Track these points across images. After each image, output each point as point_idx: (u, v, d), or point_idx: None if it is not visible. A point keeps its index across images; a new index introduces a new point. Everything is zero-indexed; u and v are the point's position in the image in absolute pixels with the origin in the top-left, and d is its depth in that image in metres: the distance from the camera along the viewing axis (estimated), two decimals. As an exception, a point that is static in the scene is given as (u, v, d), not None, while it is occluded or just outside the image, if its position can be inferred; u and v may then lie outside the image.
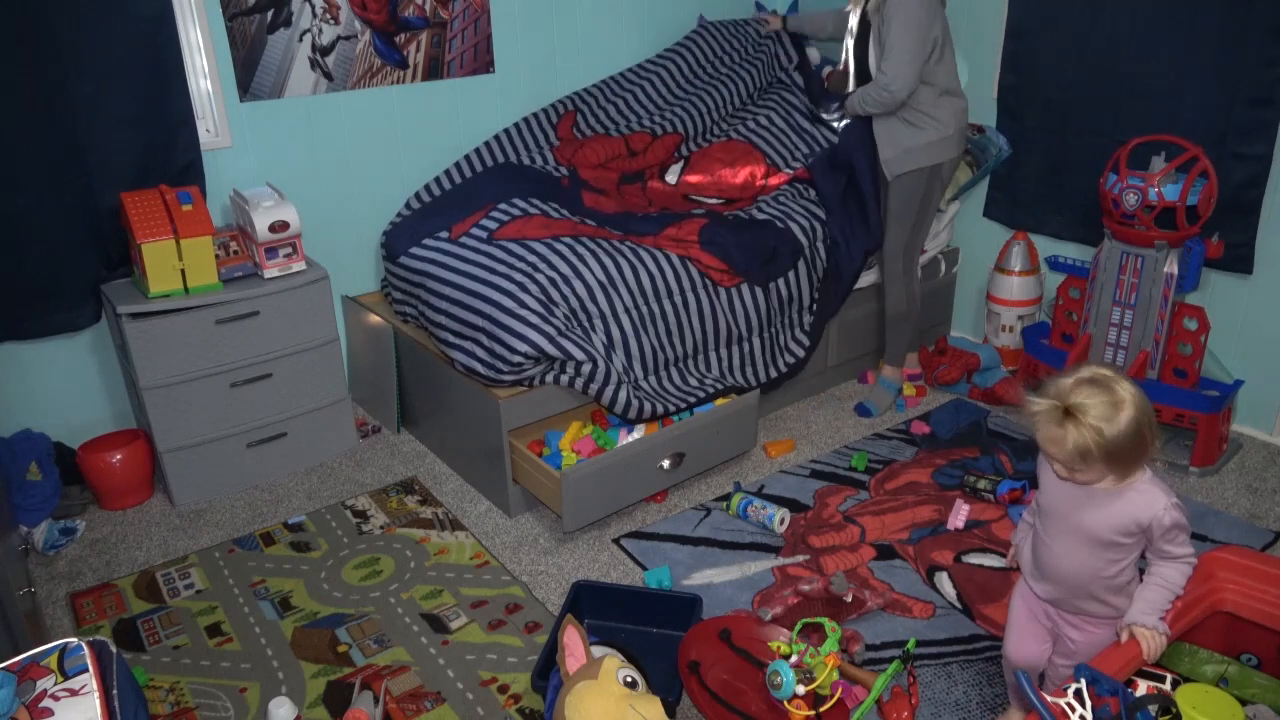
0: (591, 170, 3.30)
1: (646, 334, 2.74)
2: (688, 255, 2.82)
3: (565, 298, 2.58)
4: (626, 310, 2.69)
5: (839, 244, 3.11)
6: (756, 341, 3.00)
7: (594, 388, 2.57)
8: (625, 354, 2.70)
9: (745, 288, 2.91)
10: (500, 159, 3.27)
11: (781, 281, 3.00)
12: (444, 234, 2.91)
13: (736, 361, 2.98)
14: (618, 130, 3.41)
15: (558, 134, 3.37)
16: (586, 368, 2.54)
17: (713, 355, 2.93)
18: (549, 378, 2.58)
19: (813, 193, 3.20)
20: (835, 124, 3.38)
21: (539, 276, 2.58)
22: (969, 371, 3.29)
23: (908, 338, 3.22)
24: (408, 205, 3.19)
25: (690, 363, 2.88)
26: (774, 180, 3.28)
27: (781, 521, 2.52)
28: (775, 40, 3.63)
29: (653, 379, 2.78)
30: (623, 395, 2.59)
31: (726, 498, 2.66)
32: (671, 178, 3.34)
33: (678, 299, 2.78)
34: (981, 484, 2.65)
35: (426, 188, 3.20)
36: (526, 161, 3.27)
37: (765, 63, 3.61)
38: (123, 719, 1.33)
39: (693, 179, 3.31)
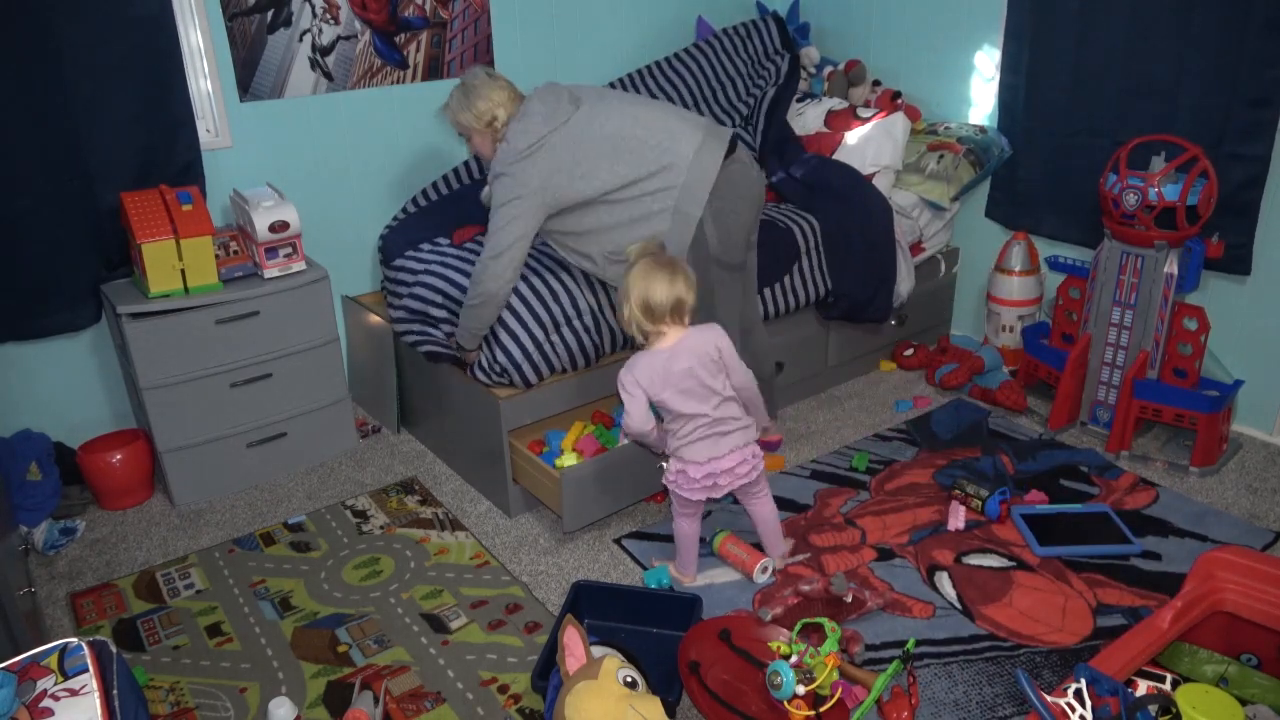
0: None
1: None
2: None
3: (555, 293, 2.58)
4: (613, 303, 2.67)
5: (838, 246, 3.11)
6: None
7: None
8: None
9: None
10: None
11: (777, 286, 2.99)
12: (443, 239, 2.91)
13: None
14: None
15: None
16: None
17: None
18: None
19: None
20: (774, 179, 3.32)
21: (530, 276, 2.58)
22: (973, 373, 3.29)
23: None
24: (403, 209, 3.19)
25: None
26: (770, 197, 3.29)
27: (764, 570, 2.35)
28: (776, 61, 3.60)
29: None
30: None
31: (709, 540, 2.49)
32: None
33: None
34: (970, 488, 2.62)
35: (424, 192, 3.20)
36: None
37: (763, 89, 3.58)
38: (123, 719, 1.33)
39: None
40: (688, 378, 2.12)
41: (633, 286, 2.10)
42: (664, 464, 2.27)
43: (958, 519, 2.54)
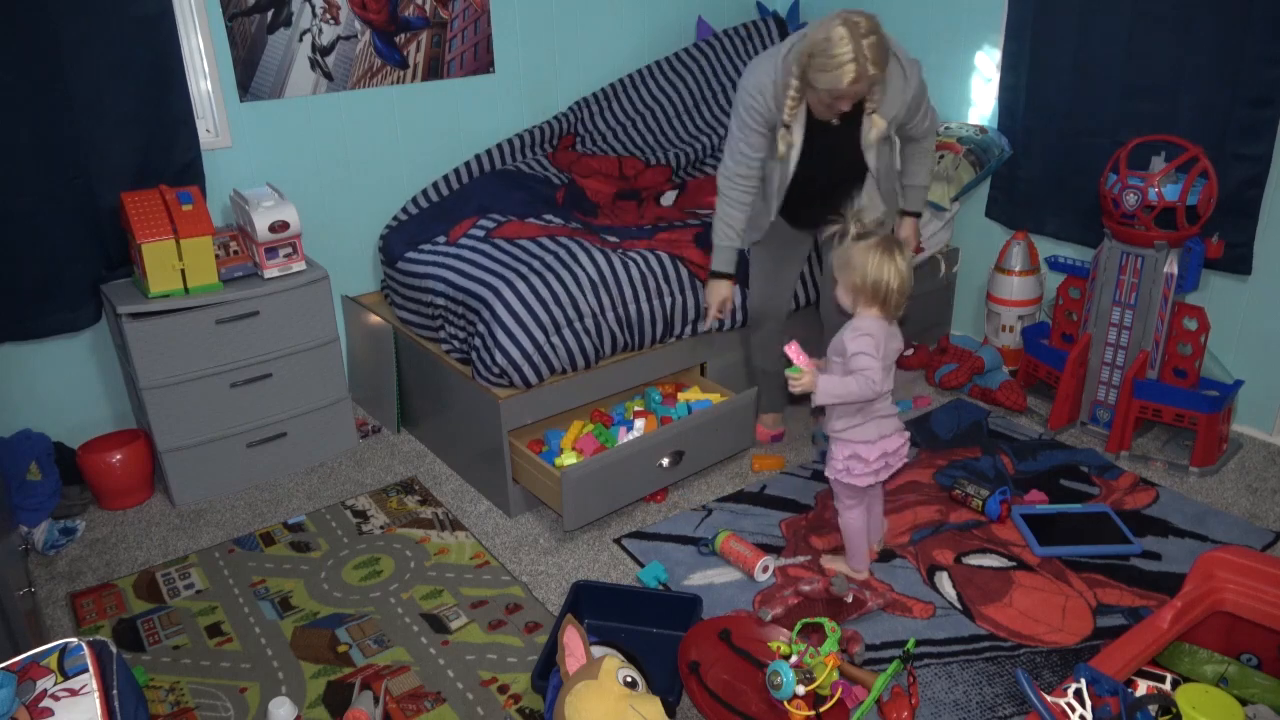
0: (587, 179, 3.32)
1: (632, 333, 2.74)
2: (680, 255, 2.81)
3: (556, 296, 2.58)
4: (614, 306, 2.68)
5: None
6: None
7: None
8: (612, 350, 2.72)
9: (736, 290, 2.89)
10: (498, 167, 3.29)
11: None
12: (441, 238, 2.92)
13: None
14: (614, 152, 3.46)
15: (557, 153, 3.40)
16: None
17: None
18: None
19: None
20: None
21: (532, 279, 2.58)
22: (973, 373, 3.29)
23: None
24: (404, 210, 3.19)
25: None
26: None
27: (764, 569, 2.35)
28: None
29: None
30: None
31: (709, 541, 2.50)
32: (667, 201, 3.36)
33: (667, 299, 2.77)
34: (970, 488, 2.62)
35: (424, 193, 3.20)
36: (524, 169, 3.28)
37: None
38: (123, 719, 1.33)
39: (690, 205, 3.33)
40: (891, 356, 2.13)
41: (867, 265, 2.05)
42: (663, 462, 2.27)
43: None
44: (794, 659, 1.86)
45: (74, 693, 1.30)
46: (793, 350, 2.09)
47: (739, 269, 2.66)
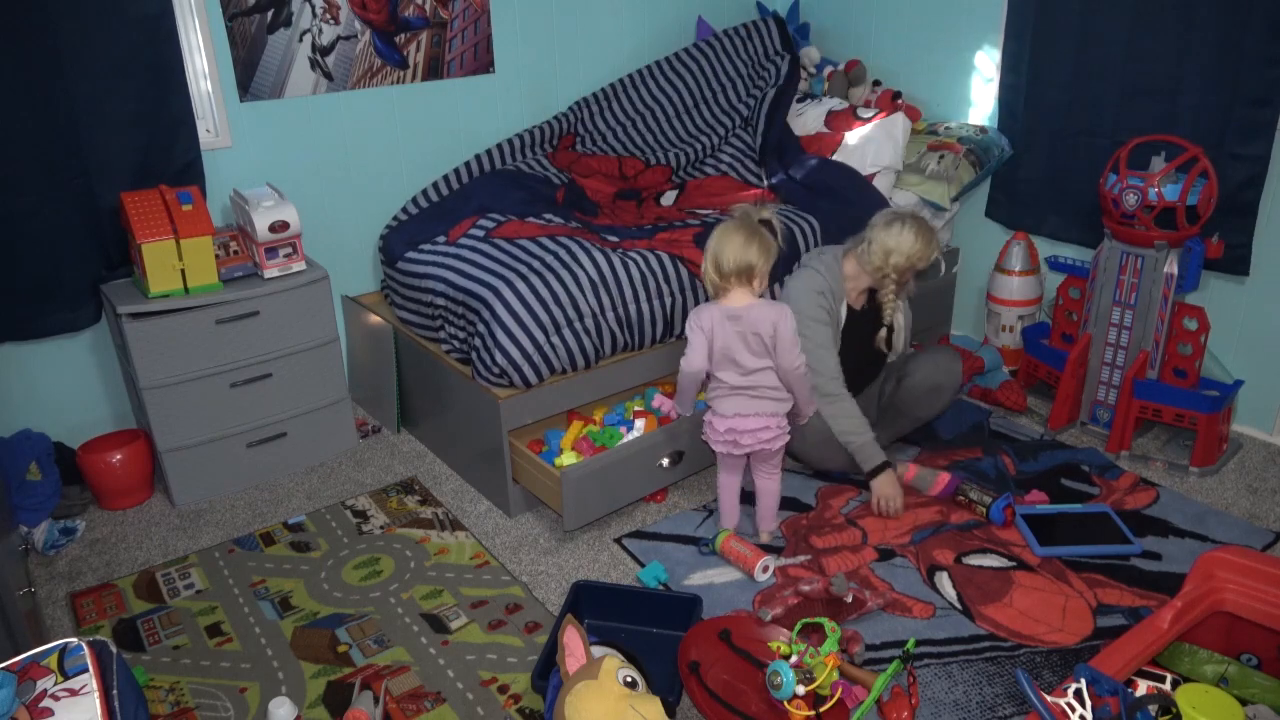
0: (588, 179, 3.32)
1: (632, 333, 2.73)
2: (680, 255, 2.81)
3: (556, 296, 2.58)
4: (614, 306, 2.68)
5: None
6: None
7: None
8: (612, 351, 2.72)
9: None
10: (498, 167, 3.29)
11: (777, 287, 2.99)
12: (441, 238, 2.92)
13: None
14: (614, 152, 3.46)
15: (557, 153, 3.40)
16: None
17: None
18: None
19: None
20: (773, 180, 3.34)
21: (532, 279, 2.58)
22: (973, 373, 3.29)
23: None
24: (404, 210, 3.19)
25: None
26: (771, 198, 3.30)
27: (764, 569, 2.36)
28: (776, 62, 3.60)
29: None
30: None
31: (709, 541, 2.50)
32: (667, 200, 3.36)
33: (667, 299, 2.77)
34: (973, 494, 2.62)
35: (424, 193, 3.20)
36: (525, 168, 3.28)
37: (763, 90, 3.58)
38: (123, 719, 1.33)
39: (689, 205, 3.33)
40: (738, 340, 2.29)
41: (711, 242, 2.32)
42: (663, 462, 2.29)
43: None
44: (794, 659, 1.86)
45: (74, 693, 1.30)
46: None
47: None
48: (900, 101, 3.54)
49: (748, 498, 2.58)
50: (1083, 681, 1.48)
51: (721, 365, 2.33)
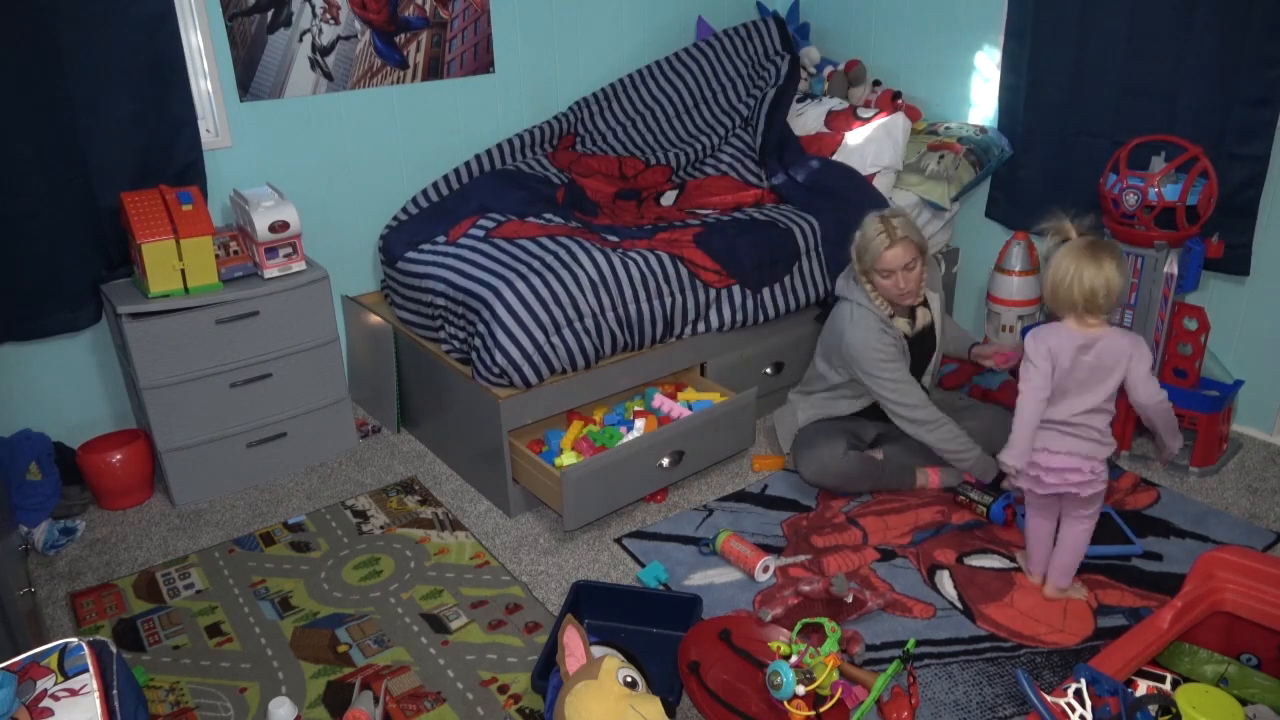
0: (588, 179, 3.31)
1: (632, 333, 2.74)
2: (680, 255, 2.81)
3: (556, 296, 2.58)
4: (614, 306, 2.68)
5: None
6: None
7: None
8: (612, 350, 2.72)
9: (736, 290, 2.90)
10: (498, 167, 3.29)
11: (777, 287, 2.99)
12: (441, 238, 2.92)
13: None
14: (614, 152, 3.46)
15: (557, 153, 3.40)
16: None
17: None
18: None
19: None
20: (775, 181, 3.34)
21: (532, 279, 2.58)
22: (973, 373, 3.29)
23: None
24: (404, 210, 3.19)
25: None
26: (769, 199, 3.30)
27: (764, 569, 2.36)
28: (776, 62, 3.60)
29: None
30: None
31: (710, 540, 2.49)
32: (667, 200, 3.36)
33: (667, 299, 2.77)
34: (973, 494, 2.62)
35: (424, 193, 3.20)
36: (524, 168, 3.28)
37: (763, 90, 3.58)
38: (123, 719, 1.33)
39: (689, 205, 3.33)
40: (1082, 371, 2.05)
41: (1063, 268, 2.08)
42: (663, 462, 2.26)
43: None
44: (794, 659, 1.86)
45: (74, 693, 1.30)
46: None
47: None
48: (900, 101, 3.54)
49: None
50: (1083, 681, 1.49)
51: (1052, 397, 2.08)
